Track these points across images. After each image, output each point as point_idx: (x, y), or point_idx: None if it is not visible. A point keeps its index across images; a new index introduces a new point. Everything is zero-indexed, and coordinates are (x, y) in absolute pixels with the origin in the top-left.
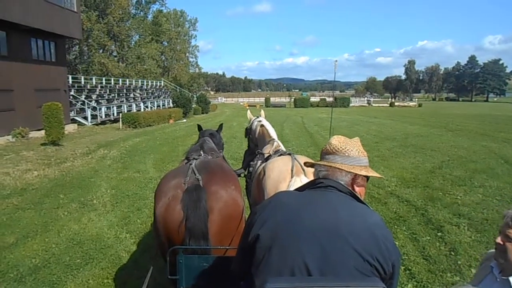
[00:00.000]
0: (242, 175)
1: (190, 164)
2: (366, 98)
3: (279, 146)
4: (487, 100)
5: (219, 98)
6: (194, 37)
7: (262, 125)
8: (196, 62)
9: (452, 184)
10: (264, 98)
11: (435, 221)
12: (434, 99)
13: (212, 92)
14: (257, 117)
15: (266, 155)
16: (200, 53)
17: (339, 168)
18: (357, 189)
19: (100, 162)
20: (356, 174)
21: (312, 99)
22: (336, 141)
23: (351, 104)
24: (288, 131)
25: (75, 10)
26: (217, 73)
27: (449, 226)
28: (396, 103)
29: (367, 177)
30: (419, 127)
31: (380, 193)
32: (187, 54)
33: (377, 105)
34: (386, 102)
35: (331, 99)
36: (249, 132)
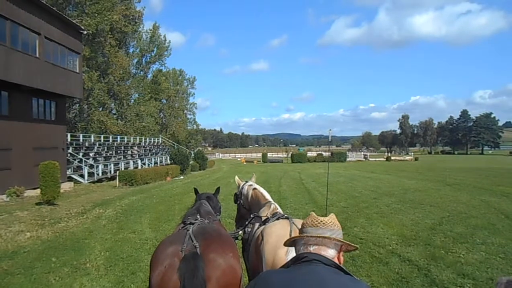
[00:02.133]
0: (239, 237)
1: (187, 230)
2: (362, 153)
3: (277, 208)
4: (482, 153)
5: (217, 154)
6: (192, 95)
7: (254, 189)
8: (194, 118)
9: (454, 241)
10: (261, 154)
11: (439, 282)
12: (430, 153)
13: (209, 148)
14: (246, 181)
15: (263, 218)
16: (198, 110)
17: (331, 239)
18: (341, 259)
19: (95, 222)
20: (341, 246)
21: (309, 154)
22: (314, 216)
23: (348, 159)
24: (286, 187)
25: (77, 71)
26: (214, 129)
27: (454, 287)
28: (392, 157)
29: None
30: (416, 181)
31: (381, 252)
32: (185, 111)
33: (373, 159)
34: (382, 156)
35: (328, 153)
36: (239, 197)
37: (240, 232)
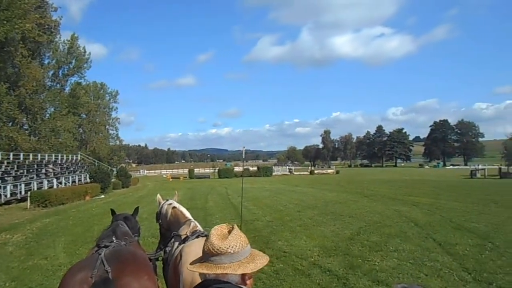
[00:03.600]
0: (160, 258)
1: (99, 254)
2: (287, 167)
3: (196, 226)
4: (396, 166)
5: (141, 170)
6: (115, 109)
7: (174, 207)
8: (117, 134)
9: (370, 250)
10: (188, 170)
11: None
12: (350, 166)
13: (134, 165)
14: (167, 200)
15: (183, 237)
16: (121, 125)
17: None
18: (248, 281)
19: (0, 249)
20: None
21: (236, 169)
22: (218, 240)
23: (273, 173)
24: (212, 203)
25: None
26: (139, 145)
27: None
28: (315, 171)
29: None
30: (337, 194)
31: (303, 265)
32: (107, 127)
33: (298, 173)
34: (306, 170)
35: (255, 168)
36: (159, 216)
37: (161, 252)
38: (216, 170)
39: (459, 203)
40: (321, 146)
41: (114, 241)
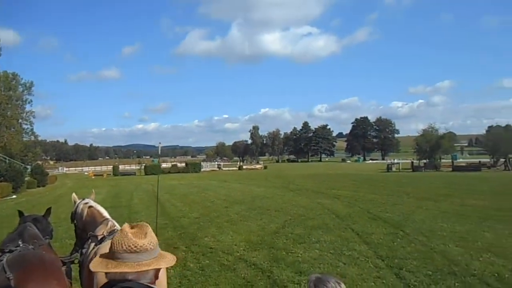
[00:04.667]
0: (76, 261)
1: (1, 260)
2: (216, 163)
3: (114, 226)
4: (320, 160)
5: (60, 168)
6: (29, 102)
7: (90, 206)
8: (32, 129)
9: (294, 242)
10: (112, 166)
11: (280, 282)
12: (277, 161)
13: (51, 162)
14: (83, 199)
15: (100, 237)
16: (37, 119)
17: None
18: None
19: None
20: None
21: (164, 165)
22: (137, 238)
23: (202, 169)
24: (138, 200)
25: None
26: (57, 141)
27: (292, 285)
28: (244, 166)
29: None
30: (265, 189)
31: (229, 260)
32: (20, 121)
33: (226, 169)
34: (235, 165)
35: (183, 164)
36: (74, 216)
37: (77, 254)
38: (143, 167)
39: (376, 195)
40: (249, 141)
41: (21, 245)
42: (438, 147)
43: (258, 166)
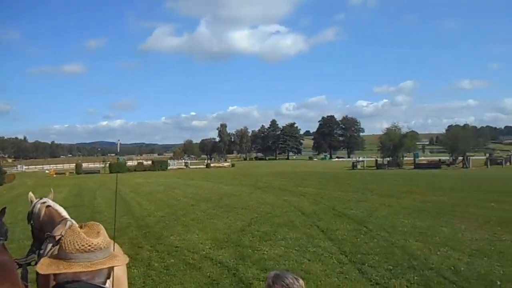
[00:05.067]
0: (33, 262)
1: None
2: (183, 161)
3: (73, 225)
4: (288, 158)
5: (19, 166)
6: None
7: (48, 206)
8: None
9: (260, 240)
10: (75, 164)
11: (245, 279)
12: (245, 159)
13: (10, 160)
14: (40, 198)
15: (58, 237)
16: None
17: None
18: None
19: None
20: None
21: (129, 163)
22: (91, 237)
23: (169, 167)
24: (101, 199)
25: None
26: (16, 138)
27: (257, 282)
28: (212, 164)
29: None
30: (232, 186)
31: (194, 258)
32: None
33: (194, 167)
34: (202, 163)
35: (149, 162)
36: (31, 216)
37: (34, 256)
38: (107, 165)
39: (341, 192)
40: (217, 139)
41: None
42: (401, 146)
43: (226, 164)
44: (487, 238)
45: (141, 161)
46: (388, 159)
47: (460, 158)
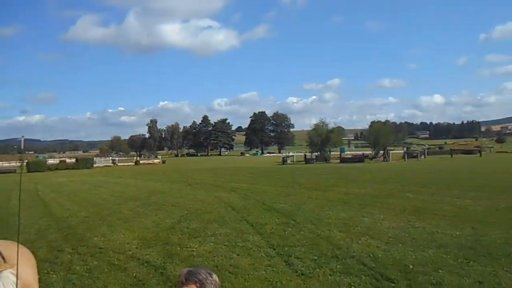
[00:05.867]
0: None
1: None
2: (111, 158)
3: None
4: (220, 154)
5: None
6: None
7: None
8: None
9: (189, 237)
10: None
11: (173, 278)
12: (176, 155)
13: None
14: None
15: None
16: None
17: None
18: None
19: None
20: None
21: (50, 161)
22: None
23: (95, 165)
24: (16, 201)
25: None
26: None
27: None
28: (141, 161)
29: None
30: (162, 183)
31: (120, 259)
32: None
33: (122, 164)
34: (131, 160)
35: (73, 160)
36: None
37: None
38: (25, 163)
39: (271, 187)
40: (147, 135)
41: None
42: (328, 141)
43: (156, 161)
44: (403, 226)
45: (63, 159)
46: (316, 154)
47: (381, 152)
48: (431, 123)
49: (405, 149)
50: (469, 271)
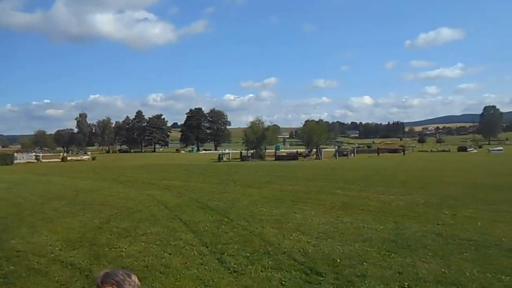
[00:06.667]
0: None
1: None
2: (34, 154)
3: None
4: (154, 151)
5: None
6: None
7: None
8: None
9: (119, 237)
10: None
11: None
12: (108, 152)
13: None
14: None
15: None
16: None
17: None
18: None
19: None
20: None
21: None
22: None
23: (16, 161)
24: None
25: None
26: None
27: None
28: (69, 158)
29: None
30: (91, 181)
31: (41, 262)
32: None
33: (47, 160)
34: (58, 157)
35: None
36: None
37: None
38: None
39: (206, 184)
40: (76, 130)
41: None
42: (264, 138)
43: (85, 157)
44: (332, 221)
45: None
46: (252, 151)
47: (314, 150)
48: (360, 123)
49: (336, 147)
50: (391, 263)
